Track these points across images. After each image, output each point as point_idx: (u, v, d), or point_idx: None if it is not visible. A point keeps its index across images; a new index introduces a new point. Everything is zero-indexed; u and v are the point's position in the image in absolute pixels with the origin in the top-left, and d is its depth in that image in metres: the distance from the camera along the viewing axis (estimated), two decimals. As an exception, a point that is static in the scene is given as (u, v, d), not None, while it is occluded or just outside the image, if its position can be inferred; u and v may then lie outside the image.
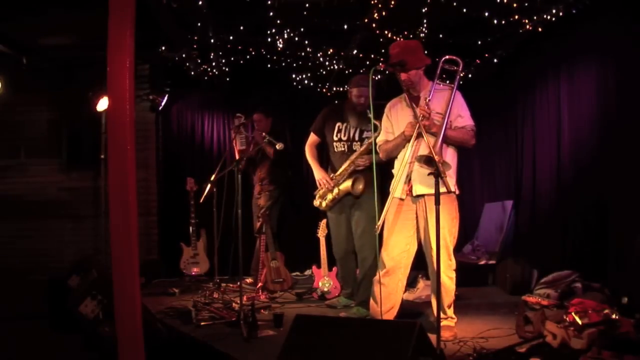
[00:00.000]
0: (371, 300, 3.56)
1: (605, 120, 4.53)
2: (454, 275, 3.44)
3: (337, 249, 4.53)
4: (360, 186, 4.20)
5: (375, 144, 3.62)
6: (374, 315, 3.52)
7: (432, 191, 3.22)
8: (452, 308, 3.49)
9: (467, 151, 6.41)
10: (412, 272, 3.65)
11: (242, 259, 3.74)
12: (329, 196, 4.35)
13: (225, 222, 5.19)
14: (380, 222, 3.38)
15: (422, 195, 3.39)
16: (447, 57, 3.40)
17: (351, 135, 4.30)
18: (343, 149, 4.32)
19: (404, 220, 3.45)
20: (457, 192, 3.45)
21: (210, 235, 5.62)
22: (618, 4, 4.27)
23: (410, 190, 3.41)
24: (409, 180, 3.40)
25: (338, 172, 4.29)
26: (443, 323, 3.28)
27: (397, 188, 3.45)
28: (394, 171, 3.59)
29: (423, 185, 3.36)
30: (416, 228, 3.47)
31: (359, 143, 4.26)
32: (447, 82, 3.57)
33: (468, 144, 3.48)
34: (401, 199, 3.44)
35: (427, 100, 3.33)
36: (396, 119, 3.56)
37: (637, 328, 2.83)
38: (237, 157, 5.49)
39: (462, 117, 3.44)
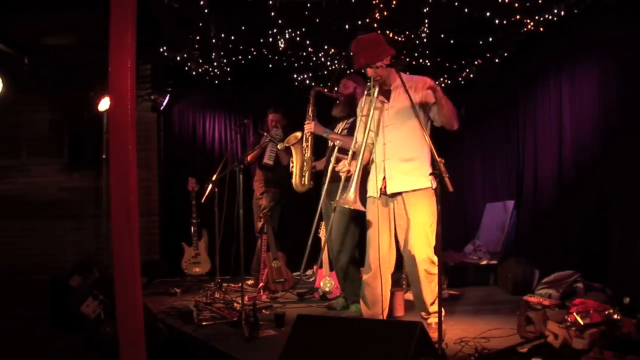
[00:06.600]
0: (362, 303, 3.49)
1: (606, 119, 4.53)
2: (436, 271, 3.16)
3: (328, 240, 4.41)
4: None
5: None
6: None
7: (408, 188, 3.23)
8: (435, 305, 3.25)
9: (469, 151, 6.53)
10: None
11: (243, 259, 3.73)
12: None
13: (227, 222, 5.20)
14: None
15: (399, 193, 3.30)
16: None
17: None
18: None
19: (383, 220, 3.36)
20: (435, 185, 3.14)
21: (212, 235, 5.62)
22: (619, 4, 4.26)
23: (385, 188, 3.32)
24: (383, 178, 3.32)
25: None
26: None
27: (372, 187, 3.38)
28: (369, 169, 3.49)
29: (398, 183, 3.28)
30: (394, 227, 3.37)
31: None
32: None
33: (454, 121, 3.22)
34: (377, 198, 3.35)
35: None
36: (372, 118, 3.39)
37: (639, 328, 2.83)
38: (248, 159, 5.41)
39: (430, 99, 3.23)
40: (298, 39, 5.39)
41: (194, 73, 6.29)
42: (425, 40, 5.24)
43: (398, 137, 3.29)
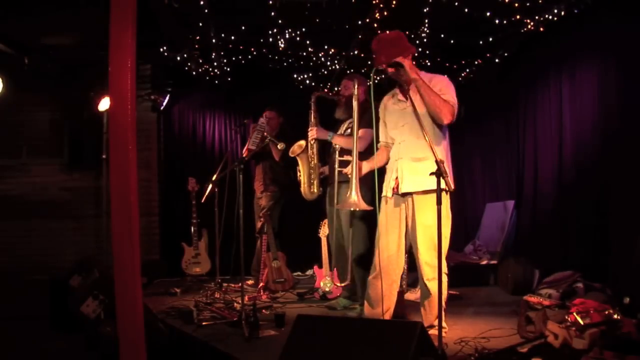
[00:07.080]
0: (365, 303, 3.47)
1: (607, 119, 4.53)
2: (444, 279, 2.93)
3: (331, 242, 4.50)
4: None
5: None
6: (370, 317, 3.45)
7: (420, 189, 3.17)
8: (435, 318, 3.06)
9: (469, 151, 6.53)
10: (414, 272, 3.63)
11: (243, 259, 3.73)
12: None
13: (227, 222, 5.19)
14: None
15: (410, 194, 3.24)
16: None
17: None
18: None
19: (393, 220, 3.31)
20: (453, 188, 2.98)
21: (212, 235, 5.62)
22: (619, 3, 4.27)
23: (398, 187, 3.28)
24: (396, 178, 3.29)
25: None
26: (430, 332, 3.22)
27: (386, 186, 3.35)
28: (387, 168, 3.46)
29: (410, 183, 3.22)
30: (405, 227, 3.32)
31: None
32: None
33: (441, 113, 3.12)
34: (389, 197, 3.32)
35: None
36: (390, 115, 3.42)
37: (639, 328, 2.83)
38: (244, 154, 5.39)
39: (443, 95, 3.19)
40: (298, 39, 5.39)
41: (194, 73, 6.30)
42: (425, 40, 5.24)
43: (411, 137, 3.24)
